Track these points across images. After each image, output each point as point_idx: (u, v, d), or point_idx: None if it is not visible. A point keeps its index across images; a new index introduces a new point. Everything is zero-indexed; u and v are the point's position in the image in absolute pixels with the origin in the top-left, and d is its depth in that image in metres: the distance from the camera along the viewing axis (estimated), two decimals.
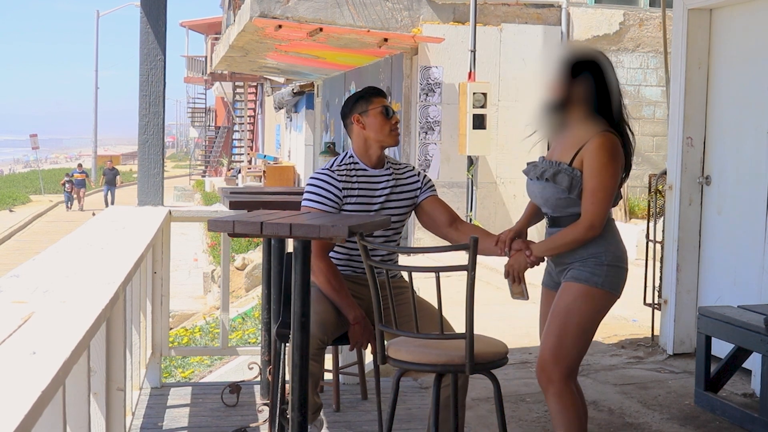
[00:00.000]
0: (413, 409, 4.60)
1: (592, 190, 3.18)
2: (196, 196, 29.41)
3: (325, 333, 3.55)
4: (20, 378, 1.66)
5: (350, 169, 3.68)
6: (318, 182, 3.65)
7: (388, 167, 3.75)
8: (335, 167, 3.68)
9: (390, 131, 3.67)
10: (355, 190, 3.66)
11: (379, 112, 3.66)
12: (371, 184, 3.70)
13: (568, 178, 3.22)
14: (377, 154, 3.71)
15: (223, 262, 5.29)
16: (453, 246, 3.29)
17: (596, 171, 3.18)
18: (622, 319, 7.12)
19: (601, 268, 3.22)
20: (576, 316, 3.22)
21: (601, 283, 3.22)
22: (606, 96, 3.25)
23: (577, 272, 3.24)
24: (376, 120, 3.66)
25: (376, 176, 3.71)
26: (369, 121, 3.66)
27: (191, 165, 46.37)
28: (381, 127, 3.65)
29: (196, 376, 8.53)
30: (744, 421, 4.41)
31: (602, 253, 3.22)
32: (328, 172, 3.66)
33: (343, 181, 3.64)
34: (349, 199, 3.64)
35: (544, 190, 3.28)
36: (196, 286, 15.34)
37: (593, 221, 3.18)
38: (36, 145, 39.48)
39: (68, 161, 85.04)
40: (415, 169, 3.85)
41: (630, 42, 12.79)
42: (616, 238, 3.28)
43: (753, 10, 5.35)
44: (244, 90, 34.09)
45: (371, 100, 3.68)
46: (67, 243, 3.65)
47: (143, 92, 5.06)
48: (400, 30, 12.20)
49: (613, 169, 3.19)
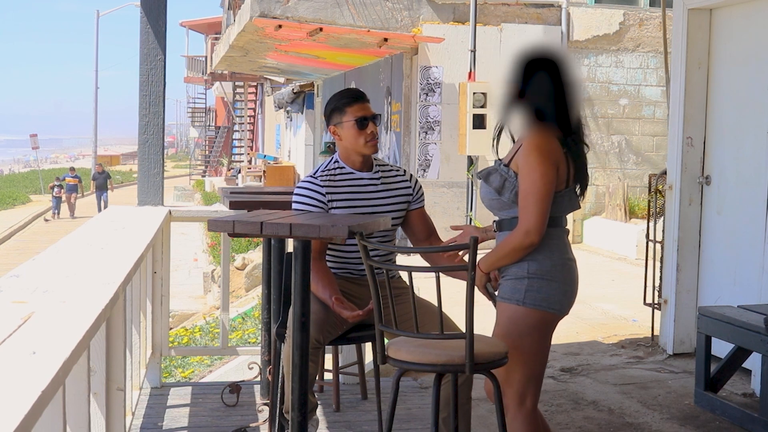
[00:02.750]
0: (413, 409, 4.60)
1: (524, 194, 2.98)
2: (196, 196, 29.41)
3: (320, 332, 3.54)
4: (20, 378, 1.66)
5: (335, 174, 3.68)
6: (302, 190, 3.66)
7: (376, 170, 3.74)
8: (319, 173, 3.68)
9: (365, 142, 3.62)
10: (342, 194, 3.65)
11: (352, 125, 3.61)
12: (359, 186, 3.69)
13: (500, 178, 3.07)
14: (360, 160, 3.70)
15: (223, 262, 5.29)
16: (453, 246, 3.29)
17: (526, 173, 2.99)
18: (622, 319, 7.12)
19: (521, 282, 3.02)
20: (509, 339, 3.04)
21: (523, 300, 3.02)
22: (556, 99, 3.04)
23: (501, 288, 3.09)
24: (350, 132, 3.62)
25: (365, 179, 3.70)
26: (344, 133, 3.64)
27: (191, 165, 46.39)
28: (356, 139, 3.62)
29: (196, 376, 8.53)
30: (744, 421, 4.41)
31: (525, 263, 3.01)
32: (310, 179, 3.67)
33: (327, 185, 3.64)
34: (336, 203, 3.63)
35: (481, 189, 3.18)
36: (196, 286, 15.34)
37: (528, 227, 2.95)
38: (36, 145, 39.43)
39: (68, 161, 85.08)
40: (406, 173, 3.83)
41: (630, 42, 12.79)
42: (548, 247, 3.02)
43: (753, 10, 5.35)
44: (244, 90, 34.10)
45: (345, 110, 3.63)
46: (67, 243, 3.64)
47: (143, 92, 5.06)
48: (400, 30, 12.21)
49: (544, 168, 2.97)
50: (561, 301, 3.04)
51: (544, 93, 3.03)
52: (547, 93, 3.03)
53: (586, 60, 12.69)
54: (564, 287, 3.04)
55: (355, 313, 3.46)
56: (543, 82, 3.03)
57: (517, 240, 2.98)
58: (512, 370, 3.05)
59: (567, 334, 6.83)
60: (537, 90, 3.04)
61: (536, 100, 3.04)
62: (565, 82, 3.04)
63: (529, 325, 3.04)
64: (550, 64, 3.05)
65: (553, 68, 3.04)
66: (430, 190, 11.36)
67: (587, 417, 4.73)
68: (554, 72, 3.04)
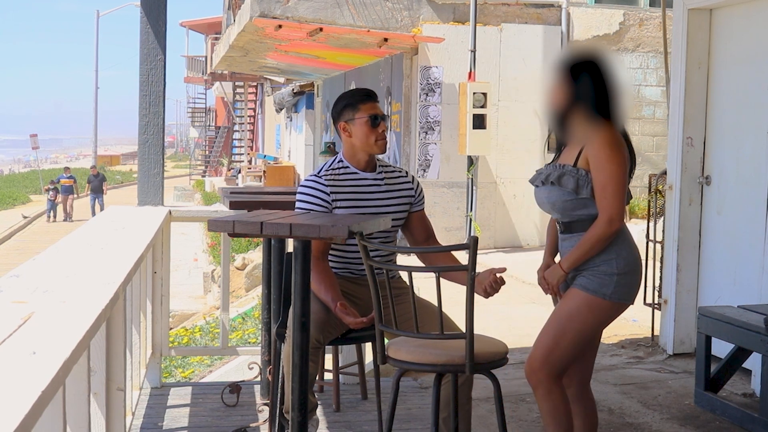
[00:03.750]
0: (413, 409, 4.60)
1: (603, 185, 3.13)
2: (196, 196, 29.40)
3: (321, 332, 3.54)
4: (20, 378, 1.66)
5: (339, 173, 3.66)
6: (305, 189, 3.64)
7: (379, 171, 3.72)
8: (323, 172, 3.66)
9: (376, 140, 3.61)
10: (346, 193, 3.63)
11: (365, 122, 3.59)
12: (363, 186, 3.67)
13: (573, 179, 3.17)
14: (365, 159, 3.68)
15: (223, 262, 5.29)
16: (453, 246, 3.29)
17: (602, 164, 3.13)
18: (622, 319, 7.11)
19: (611, 278, 3.15)
20: (577, 323, 3.18)
21: (610, 295, 3.15)
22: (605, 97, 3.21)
23: (586, 280, 3.18)
24: (362, 129, 3.60)
25: (368, 179, 3.69)
26: (355, 129, 3.61)
27: (191, 165, 46.39)
28: (367, 137, 3.60)
29: (196, 376, 8.53)
30: (744, 421, 4.41)
31: (613, 260, 3.16)
32: (314, 177, 3.65)
33: (331, 185, 3.62)
34: (339, 203, 3.61)
35: (551, 194, 3.23)
36: (196, 286, 15.34)
37: (611, 215, 3.11)
38: (36, 145, 39.37)
39: (68, 161, 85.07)
40: (408, 175, 3.82)
41: (630, 42, 12.79)
42: (627, 242, 3.22)
43: (753, 10, 5.35)
44: (244, 90, 34.09)
45: (358, 107, 3.61)
46: (67, 243, 3.64)
47: (143, 92, 5.06)
48: (400, 30, 12.20)
49: (619, 159, 3.14)
50: (636, 293, 3.25)
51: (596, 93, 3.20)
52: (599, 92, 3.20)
53: None
54: (640, 279, 3.25)
55: (359, 320, 3.45)
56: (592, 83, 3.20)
57: (602, 230, 3.11)
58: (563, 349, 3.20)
59: None
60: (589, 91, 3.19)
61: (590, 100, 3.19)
62: (611, 80, 3.22)
63: (609, 315, 3.21)
64: (595, 66, 3.22)
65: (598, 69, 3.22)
66: (430, 190, 11.36)
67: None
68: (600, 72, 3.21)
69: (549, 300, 3.45)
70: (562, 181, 3.19)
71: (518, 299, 8.25)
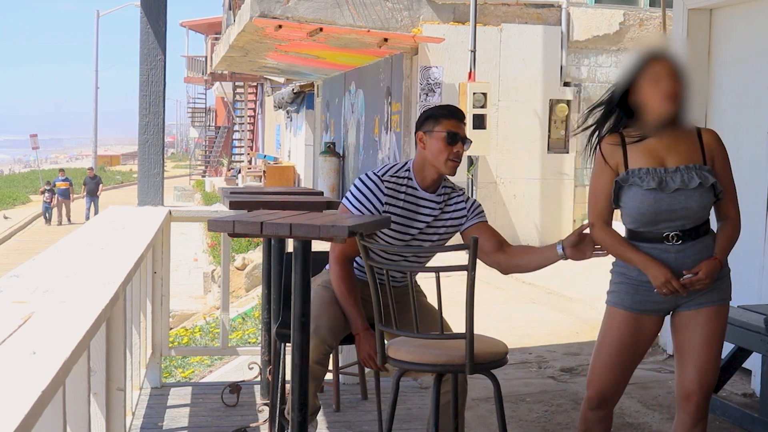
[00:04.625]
0: (413, 409, 4.60)
1: (731, 186, 3.02)
2: (196, 196, 29.41)
3: (334, 339, 3.53)
4: (20, 378, 1.66)
5: (401, 183, 3.50)
6: (364, 188, 3.49)
7: (440, 194, 3.56)
8: (387, 176, 3.50)
9: (447, 160, 3.44)
10: (399, 208, 3.49)
11: (442, 137, 3.43)
12: (417, 207, 3.52)
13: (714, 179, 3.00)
14: (432, 177, 3.52)
15: (223, 262, 5.29)
16: (453, 246, 3.29)
17: (726, 165, 3.02)
18: None
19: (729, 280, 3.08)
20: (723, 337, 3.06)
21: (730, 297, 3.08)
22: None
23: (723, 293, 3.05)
24: (437, 144, 3.44)
25: (425, 200, 3.53)
26: (430, 142, 3.46)
27: (191, 165, 46.41)
28: (439, 153, 3.44)
29: (196, 376, 8.53)
30: (744, 421, 4.41)
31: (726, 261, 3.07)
32: (377, 180, 3.49)
33: (389, 195, 3.47)
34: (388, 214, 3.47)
35: (702, 197, 2.98)
36: (196, 286, 15.34)
37: (739, 217, 3.04)
38: (36, 145, 39.37)
39: (68, 161, 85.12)
40: (464, 194, 3.65)
41: (630, 42, 12.79)
42: None
43: (753, 10, 5.35)
44: (244, 90, 34.10)
45: (440, 121, 3.46)
46: (67, 243, 3.64)
47: (143, 92, 5.06)
48: (400, 30, 12.20)
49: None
50: None
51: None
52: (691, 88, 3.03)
53: (586, 60, 12.69)
54: None
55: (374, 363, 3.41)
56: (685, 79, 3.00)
57: (737, 232, 3.05)
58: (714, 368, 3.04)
59: (567, 334, 6.83)
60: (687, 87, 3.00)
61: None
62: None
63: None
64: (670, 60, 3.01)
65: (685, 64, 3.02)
66: None
67: None
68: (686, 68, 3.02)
69: (549, 300, 3.45)
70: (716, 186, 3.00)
71: (518, 299, 8.25)
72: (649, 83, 2.97)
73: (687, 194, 2.97)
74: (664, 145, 3.01)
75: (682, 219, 2.99)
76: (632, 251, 3.05)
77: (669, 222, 2.99)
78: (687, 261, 3.00)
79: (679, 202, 2.97)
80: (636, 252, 3.04)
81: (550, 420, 4.68)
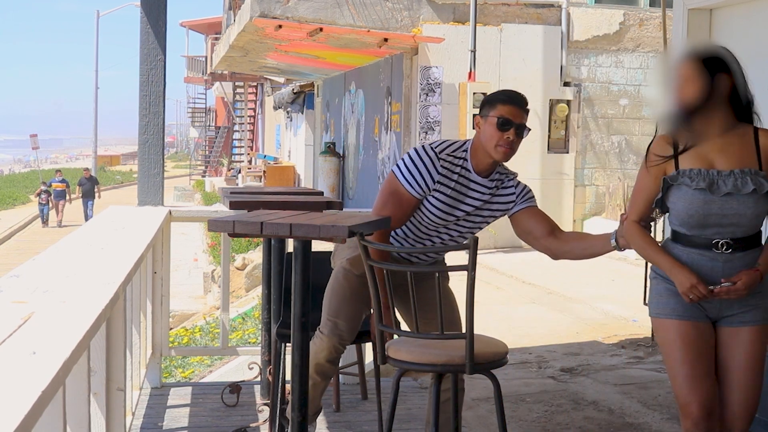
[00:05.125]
0: (413, 409, 4.60)
1: None
2: (196, 196, 29.41)
3: (351, 337, 3.51)
4: (20, 378, 1.66)
5: (456, 164, 3.43)
6: (419, 161, 3.38)
7: (492, 179, 3.47)
8: (444, 154, 3.41)
9: (496, 145, 3.35)
10: (450, 189, 3.41)
11: (493, 123, 3.37)
12: (467, 189, 3.44)
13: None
14: (486, 161, 3.42)
15: (223, 262, 5.29)
16: (453, 246, 3.29)
17: None
18: (622, 319, 7.12)
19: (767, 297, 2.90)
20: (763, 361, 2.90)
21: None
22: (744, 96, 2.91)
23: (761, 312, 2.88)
24: (489, 128, 3.38)
25: (476, 184, 3.44)
26: (485, 127, 3.40)
27: (191, 165, 46.42)
28: (490, 138, 3.37)
29: (196, 376, 8.53)
30: None
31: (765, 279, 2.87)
32: (434, 155, 3.39)
33: (443, 174, 3.39)
34: (438, 194, 3.40)
35: (758, 204, 2.83)
36: (196, 286, 15.34)
37: None
38: (36, 145, 39.36)
39: (68, 161, 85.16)
40: (515, 179, 3.56)
41: (630, 42, 12.79)
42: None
43: (753, 10, 5.35)
44: (244, 90, 34.11)
45: (495, 106, 3.40)
46: (67, 243, 3.64)
47: (143, 92, 5.06)
48: (400, 30, 12.21)
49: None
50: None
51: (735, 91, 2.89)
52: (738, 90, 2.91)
53: (586, 60, 12.70)
54: None
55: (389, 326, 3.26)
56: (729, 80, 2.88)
57: None
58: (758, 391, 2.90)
59: (567, 334, 6.83)
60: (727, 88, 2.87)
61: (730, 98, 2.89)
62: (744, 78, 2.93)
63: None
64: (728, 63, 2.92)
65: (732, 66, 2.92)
66: None
67: (587, 417, 4.73)
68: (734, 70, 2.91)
69: (549, 300, 3.45)
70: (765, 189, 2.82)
71: (518, 299, 8.25)
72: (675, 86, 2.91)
73: (739, 200, 2.82)
74: (717, 147, 2.88)
75: (733, 225, 2.84)
76: (660, 253, 2.94)
77: (719, 227, 2.85)
78: (734, 273, 2.84)
79: (731, 207, 2.83)
80: (663, 254, 2.93)
81: (550, 420, 4.68)
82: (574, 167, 12.74)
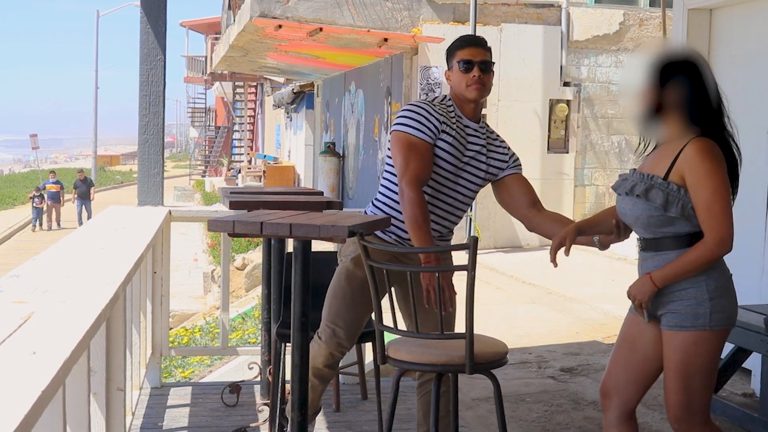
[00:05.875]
0: (413, 409, 4.59)
1: (707, 204, 2.81)
2: (196, 196, 29.41)
3: (350, 343, 3.51)
4: (20, 378, 1.66)
5: (449, 109, 3.52)
6: (418, 110, 3.45)
7: (482, 126, 3.60)
8: (435, 102, 3.51)
9: (467, 86, 3.49)
10: (452, 129, 3.47)
11: (458, 68, 3.51)
12: (465, 134, 3.52)
13: (662, 193, 2.86)
14: (469, 107, 3.54)
15: (223, 262, 5.29)
16: (453, 246, 3.28)
17: (703, 180, 2.81)
18: (622, 319, 7.11)
19: (704, 304, 2.85)
20: (697, 367, 2.88)
21: (710, 324, 2.85)
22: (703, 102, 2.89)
23: (678, 317, 2.87)
24: (456, 75, 3.51)
25: (471, 128, 3.54)
26: (453, 76, 3.53)
27: (191, 165, 46.42)
28: (459, 82, 3.50)
29: (196, 376, 8.54)
30: (744, 421, 4.41)
31: (703, 282, 2.85)
32: (427, 104, 3.47)
33: (443, 120, 3.46)
34: (445, 136, 3.44)
35: (635, 207, 2.92)
36: (196, 286, 15.34)
37: (723, 236, 2.80)
38: (36, 145, 39.33)
39: (68, 161, 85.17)
40: (505, 142, 3.69)
41: (630, 42, 12.79)
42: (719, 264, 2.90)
43: (753, 10, 5.35)
44: (244, 90, 34.11)
45: (455, 53, 3.54)
46: (67, 243, 3.64)
47: (143, 92, 5.06)
48: (400, 30, 12.21)
49: (721, 173, 2.84)
50: (736, 313, 2.94)
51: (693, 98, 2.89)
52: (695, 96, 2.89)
53: (586, 60, 12.70)
54: (734, 299, 2.94)
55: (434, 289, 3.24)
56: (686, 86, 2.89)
57: (710, 251, 2.82)
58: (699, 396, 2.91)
59: (567, 334, 6.83)
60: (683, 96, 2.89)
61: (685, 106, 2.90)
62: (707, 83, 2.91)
63: (715, 346, 2.90)
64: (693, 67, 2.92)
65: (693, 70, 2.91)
66: None
67: (587, 417, 4.73)
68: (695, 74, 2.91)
69: (549, 300, 3.45)
70: (650, 195, 2.88)
71: (518, 299, 8.25)
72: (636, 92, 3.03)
73: (626, 201, 2.97)
74: (653, 154, 3.01)
75: (634, 225, 3.00)
76: None
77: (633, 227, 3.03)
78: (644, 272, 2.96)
79: (621, 207, 3.01)
80: None
81: (550, 420, 4.68)
82: (574, 167, 12.74)
